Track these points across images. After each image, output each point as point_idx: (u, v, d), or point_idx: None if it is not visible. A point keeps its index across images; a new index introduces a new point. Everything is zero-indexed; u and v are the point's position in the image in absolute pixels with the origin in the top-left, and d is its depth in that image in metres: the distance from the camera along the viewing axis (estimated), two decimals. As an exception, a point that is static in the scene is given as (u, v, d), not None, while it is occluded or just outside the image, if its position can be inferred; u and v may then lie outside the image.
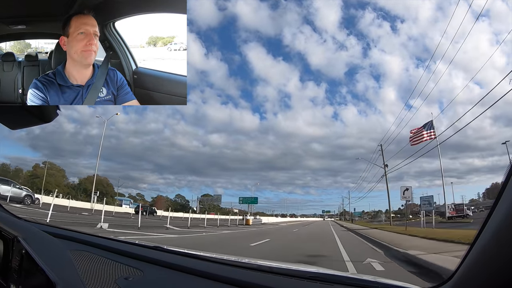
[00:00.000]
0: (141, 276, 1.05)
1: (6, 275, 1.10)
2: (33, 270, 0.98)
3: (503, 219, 0.57)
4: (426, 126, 23.41)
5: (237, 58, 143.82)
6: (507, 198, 0.57)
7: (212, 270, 1.07)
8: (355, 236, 16.12)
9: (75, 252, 1.20)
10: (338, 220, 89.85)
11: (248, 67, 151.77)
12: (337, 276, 1.02)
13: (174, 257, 1.26)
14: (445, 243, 8.07)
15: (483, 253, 0.62)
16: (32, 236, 1.15)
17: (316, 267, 1.20)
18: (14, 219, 1.33)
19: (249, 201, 57.72)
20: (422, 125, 24.00)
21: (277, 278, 1.01)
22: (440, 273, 4.16)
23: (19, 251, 1.07)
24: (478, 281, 0.64)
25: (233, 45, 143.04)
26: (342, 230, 22.80)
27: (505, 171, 0.60)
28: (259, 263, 1.17)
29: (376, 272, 4.87)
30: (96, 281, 0.97)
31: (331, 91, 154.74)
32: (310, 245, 10.22)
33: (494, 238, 0.59)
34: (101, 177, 60.31)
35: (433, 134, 22.63)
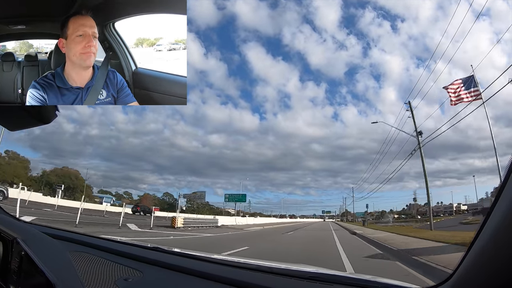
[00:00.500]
0: (141, 277, 1.05)
1: (5, 276, 1.10)
2: (33, 271, 0.97)
3: (501, 220, 0.57)
4: (466, 83, 16.35)
5: (236, 57, 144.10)
6: (505, 199, 0.58)
7: (211, 270, 1.07)
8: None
9: (74, 254, 1.20)
10: (339, 221, 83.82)
11: (247, 67, 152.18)
12: (337, 276, 1.03)
13: (173, 258, 1.26)
14: None
15: (481, 254, 0.62)
16: (31, 238, 1.15)
17: (315, 267, 1.20)
18: (14, 221, 1.33)
19: (236, 199, 51.82)
20: (459, 80, 16.69)
21: (276, 278, 1.02)
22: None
23: (19, 252, 1.06)
24: (476, 281, 0.64)
25: (232, 45, 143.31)
26: (355, 244, 11.76)
27: (503, 173, 0.60)
28: (258, 264, 1.17)
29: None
30: (96, 282, 0.97)
31: (331, 91, 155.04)
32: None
33: (492, 239, 0.59)
34: (71, 170, 56.03)
35: (475, 94, 15.87)
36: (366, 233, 16.66)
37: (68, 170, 55.92)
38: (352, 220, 72.96)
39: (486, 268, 0.61)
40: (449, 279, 0.73)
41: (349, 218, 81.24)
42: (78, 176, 55.31)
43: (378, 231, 19.87)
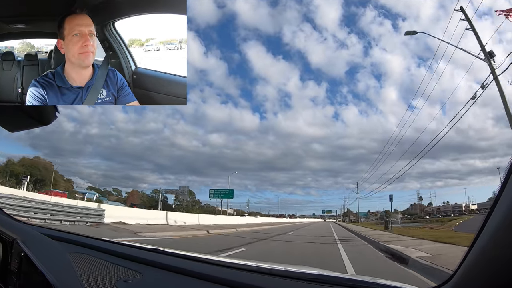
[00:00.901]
0: (141, 278, 1.04)
1: (5, 278, 1.09)
2: (32, 273, 0.97)
3: (502, 220, 0.57)
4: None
5: (236, 56, 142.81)
6: (505, 199, 0.57)
7: (211, 272, 1.07)
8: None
9: (74, 255, 1.19)
10: (341, 221, 79.23)
11: (247, 66, 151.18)
12: (337, 278, 1.02)
13: (173, 259, 1.26)
14: None
15: (482, 254, 0.62)
16: (31, 239, 1.15)
17: (315, 269, 1.20)
18: (13, 222, 1.33)
19: (222, 195, 44.96)
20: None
21: (276, 280, 1.01)
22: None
23: (18, 253, 1.06)
24: (477, 282, 0.64)
25: (233, 44, 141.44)
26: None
27: (503, 174, 0.60)
28: (258, 265, 1.17)
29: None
30: (96, 284, 0.96)
31: (332, 90, 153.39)
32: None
33: (493, 239, 0.59)
34: (42, 160, 50.16)
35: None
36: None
37: (38, 160, 50.43)
38: (355, 221, 67.14)
39: (487, 269, 0.61)
40: (449, 279, 0.73)
41: (351, 218, 76.82)
42: (48, 167, 49.03)
43: (396, 234, 12.99)
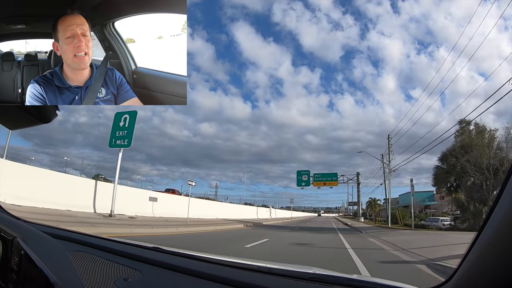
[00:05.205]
0: (140, 277, 1.05)
1: (5, 276, 1.10)
2: (32, 271, 0.97)
3: (503, 219, 0.57)
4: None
5: (224, 38, 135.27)
6: (506, 199, 0.57)
7: (211, 271, 1.07)
8: None
9: (74, 253, 1.19)
10: (352, 218, 49.98)
11: (236, 49, 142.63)
12: (337, 277, 1.02)
13: (173, 258, 1.26)
14: None
15: (482, 254, 0.62)
16: (31, 237, 1.15)
17: (315, 268, 1.20)
18: (13, 220, 1.33)
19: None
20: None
21: (276, 279, 1.01)
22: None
23: (18, 252, 1.06)
24: (478, 282, 0.63)
25: (219, 23, 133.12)
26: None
27: (505, 173, 0.60)
28: (258, 264, 1.17)
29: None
30: (95, 282, 0.97)
31: (326, 77, 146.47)
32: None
33: (493, 238, 0.59)
34: None
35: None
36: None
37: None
38: (376, 217, 37.38)
39: (487, 268, 0.61)
40: (450, 279, 0.73)
41: (370, 213, 46.83)
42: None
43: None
